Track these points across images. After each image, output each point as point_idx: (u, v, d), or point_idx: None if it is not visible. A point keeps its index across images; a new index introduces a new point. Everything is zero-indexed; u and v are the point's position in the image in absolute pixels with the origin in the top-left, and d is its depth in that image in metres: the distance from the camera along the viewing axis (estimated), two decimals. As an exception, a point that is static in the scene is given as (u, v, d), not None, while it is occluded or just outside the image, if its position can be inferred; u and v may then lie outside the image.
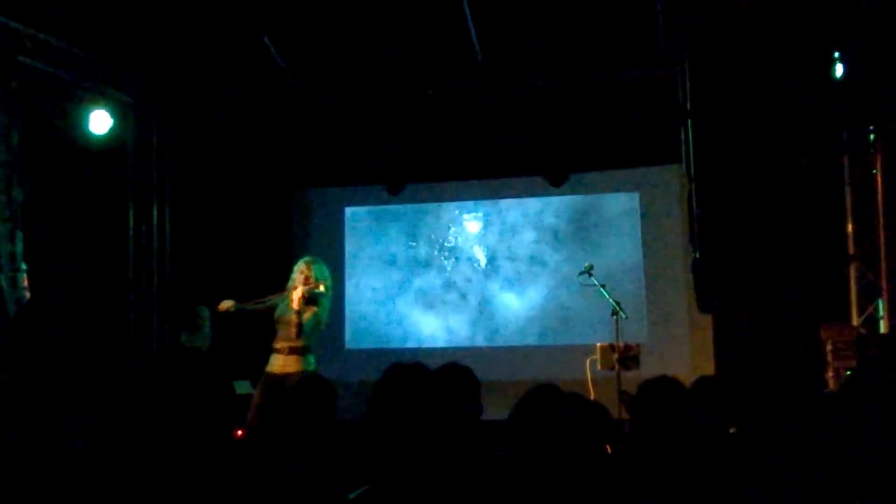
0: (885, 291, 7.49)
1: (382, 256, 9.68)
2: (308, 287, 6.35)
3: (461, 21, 7.89)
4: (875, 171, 7.60)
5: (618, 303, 7.04)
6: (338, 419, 3.56)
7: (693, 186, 7.86)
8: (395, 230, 9.70)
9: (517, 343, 9.20)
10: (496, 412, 3.79)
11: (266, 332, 6.54)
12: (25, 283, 6.86)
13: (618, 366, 7.03)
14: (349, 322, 9.60)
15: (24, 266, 6.91)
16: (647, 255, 8.96)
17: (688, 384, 3.40)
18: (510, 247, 9.41)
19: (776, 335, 7.74)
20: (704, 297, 8.06)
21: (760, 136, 7.91)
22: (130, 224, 8.69)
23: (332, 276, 6.74)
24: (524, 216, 9.40)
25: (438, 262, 9.56)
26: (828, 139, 7.81)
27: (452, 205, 9.61)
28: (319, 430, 3.40)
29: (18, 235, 6.92)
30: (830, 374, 7.21)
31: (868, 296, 7.65)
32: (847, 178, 7.80)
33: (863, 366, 6.80)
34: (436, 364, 3.54)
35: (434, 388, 3.29)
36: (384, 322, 9.59)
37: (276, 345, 6.41)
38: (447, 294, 9.48)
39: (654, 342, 8.52)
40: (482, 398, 3.50)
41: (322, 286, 6.43)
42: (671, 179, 8.85)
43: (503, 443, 2.82)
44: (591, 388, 7.14)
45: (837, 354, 7.20)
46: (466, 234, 9.55)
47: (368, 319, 9.62)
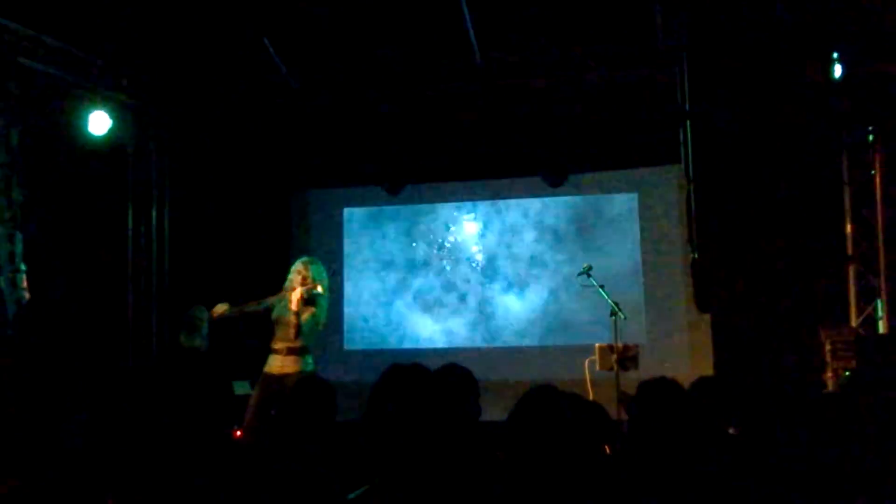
0: (884, 292, 7.49)
1: (381, 257, 9.68)
2: (306, 287, 6.35)
3: (460, 22, 7.88)
4: (874, 172, 7.61)
5: (616, 303, 7.04)
6: (336, 420, 3.56)
7: (692, 187, 7.85)
8: (394, 231, 9.70)
9: (516, 344, 9.20)
10: (495, 413, 3.80)
11: (265, 333, 6.54)
12: (25, 284, 6.86)
13: (616, 366, 7.03)
14: (348, 323, 9.60)
15: (24, 267, 6.91)
16: (646, 256, 8.96)
17: (686, 385, 3.40)
18: (509, 247, 9.40)
19: (775, 336, 7.75)
20: (703, 298, 8.05)
21: (759, 137, 7.92)
22: (129, 225, 8.69)
23: (330, 277, 6.75)
24: (523, 217, 9.40)
25: (437, 263, 9.55)
26: (826, 140, 7.81)
27: (451, 205, 9.61)
28: (318, 431, 3.40)
29: (18, 236, 6.92)
30: (829, 375, 7.21)
31: (867, 296, 7.65)
32: (846, 179, 7.81)
33: (862, 366, 6.80)
34: (434, 365, 3.54)
35: (433, 389, 3.29)
36: (383, 323, 9.59)
37: (275, 345, 6.41)
38: (446, 295, 9.48)
39: (653, 343, 8.52)
40: (481, 399, 3.51)
41: (320, 287, 6.43)
42: (670, 180, 8.86)
43: (502, 443, 2.82)
44: (590, 389, 7.15)
45: (836, 355, 7.20)
46: (465, 235, 9.55)
47: (367, 320, 9.62)
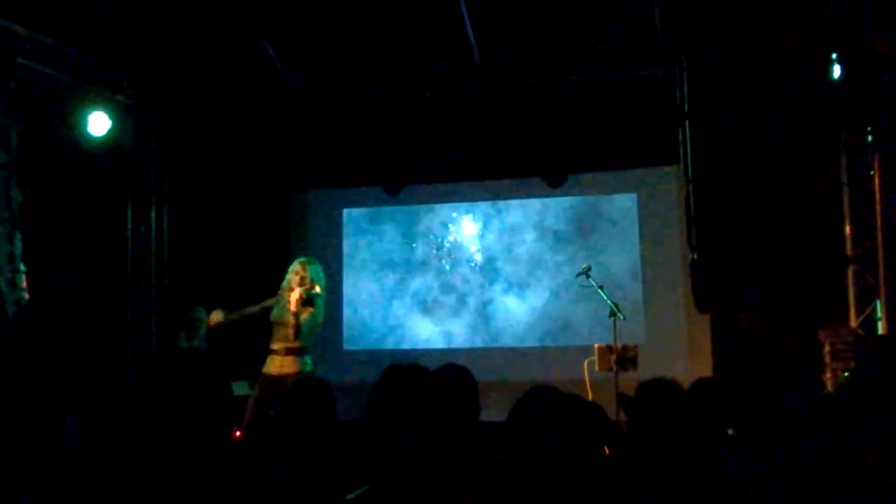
0: (883, 293, 7.48)
1: (380, 258, 9.67)
2: (304, 288, 6.36)
3: (459, 22, 7.89)
4: (873, 173, 7.59)
5: (615, 304, 7.04)
6: (336, 420, 3.56)
7: (691, 187, 7.86)
8: (393, 231, 9.69)
9: (515, 344, 9.19)
10: (494, 413, 3.79)
11: (264, 334, 6.54)
12: (24, 285, 6.86)
13: (615, 367, 7.03)
14: (347, 323, 9.59)
15: (23, 267, 6.91)
16: (645, 256, 8.96)
17: (685, 385, 3.40)
18: (508, 248, 9.40)
19: (774, 336, 7.75)
20: (702, 298, 8.06)
21: (758, 138, 7.92)
22: (129, 225, 8.70)
23: (329, 277, 6.75)
24: (522, 217, 9.39)
25: (436, 264, 9.55)
26: (826, 140, 7.80)
27: (450, 206, 9.60)
28: (317, 432, 3.40)
29: (17, 237, 6.93)
30: (828, 376, 7.21)
31: (866, 297, 7.64)
32: (845, 180, 7.80)
33: (861, 367, 6.80)
34: (434, 365, 3.54)
35: (432, 390, 3.29)
36: (382, 323, 9.58)
37: (274, 346, 6.42)
38: (445, 295, 9.47)
39: (652, 343, 8.51)
40: (480, 399, 3.51)
41: (318, 287, 6.43)
42: (669, 180, 8.85)
43: (501, 444, 2.82)
44: (589, 390, 7.15)
45: (835, 356, 7.20)
46: (464, 235, 9.54)
47: (366, 321, 9.61)
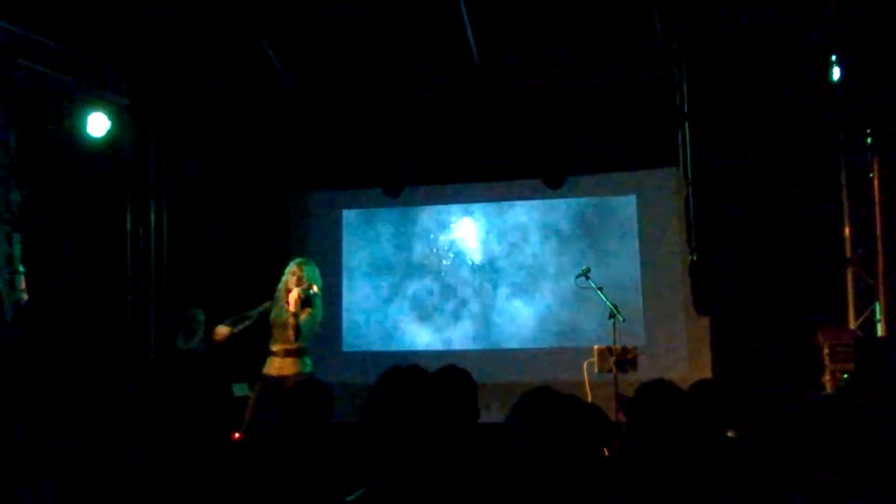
0: (882, 294, 7.49)
1: (379, 259, 9.66)
2: (302, 287, 6.36)
3: (458, 23, 7.89)
4: (872, 175, 7.60)
5: (615, 305, 7.03)
6: (335, 421, 3.56)
7: (690, 189, 7.86)
8: (393, 232, 9.68)
9: (514, 346, 9.19)
10: (493, 415, 3.80)
11: (263, 335, 6.54)
12: (23, 286, 6.87)
13: (615, 369, 7.02)
14: (346, 324, 9.58)
15: (22, 268, 6.92)
16: (645, 258, 8.95)
17: (685, 387, 3.40)
18: (507, 249, 9.39)
19: (773, 338, 7.74)
20: (702, 300, 8.05)
21: (757, 139, 7.91)
22: (128, 226, 8.70)
23: (328, 279, 6.75)
24: (521, 219, 9.39)
25: (435, 265, 9.54)
26: (825, 142, 7.81)
27: (450, 207, 9.60)
28: (316, 433, 3.40)
29: (16, 237, 6.93)
30: (827, 378, 7.20)
31: (865, 299, 7.64)
32: (844, 182, 7.81)
33: (860, 369, 6.80)
34: (433, 366, 3.53)
35: (431, 391, 3.28)
36: (381, 325, 9.58)
37: (273, 347, 6.42)
38: (444, 297, 9.47)
39: (652, 345, 8.51)
40: (479, 401, 3.51)
41: (315, 287, 6.43)
42: (668, 182, 8.85)
43: (500, 445, 2.82)
44: (589, 391, 7.15)
45: (835, 358, 7.20)
46: (464, 237, 9.53)
47: (366, 322, 9.61)
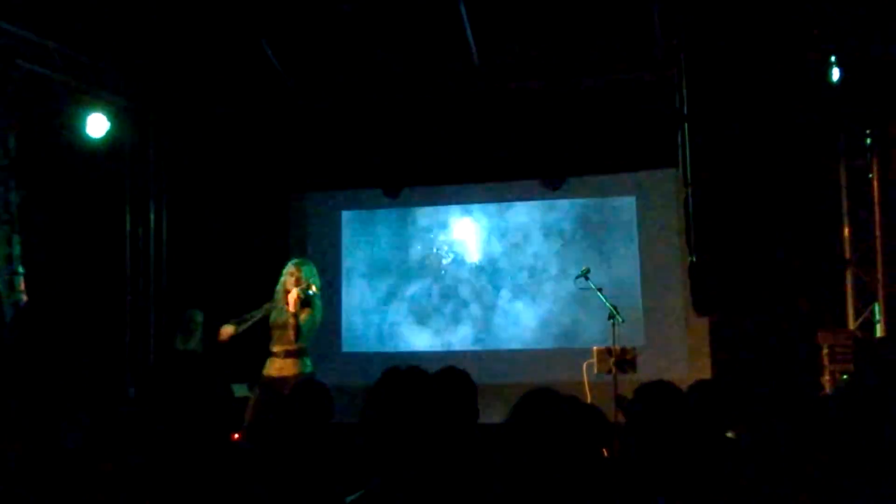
0: (882, 295, 7.49)
1: (378, 260, 9.67)
2: (301, 288, 6.36)
3: (458, 24, 7.89)
4: (871, 176, 7.60)
5: (614, 306, 7.04)
6: (334, 422, 3.56)
7: (690, 190, 7.85)
8: (392, 233, 9.68)
9: (514, 347, 9.19)
10: (493, 415, 3.79)
11: (262, 336, 6.54)
12: (22, 287, 6.86)
13: (614, 369, 7.03)
14: (346, 325, 9.58)
15: (22, 269, 6.91)
16: (644, 259, 8.96)
17: (684, 388, 3.40)
18: (507, 250, 9.40)
19: (773, 339, 7.75)
20: (701, 301, 8.05)
21: (757, 140, 7.91)
22: (127, 227, 8.70)
23: (328, 279, 6.75)
24: (521, 220, 9.40)
25: (435, 266, 9.55)
26: (824, 143, 7.81)
27: (449, 208, 9.61)
28: (316, 434, 3.40)
29: (16, 238, 6.93)
30: (827, 378, 7.21)
31: (864, 300, 7.65)
32: (843, 182, 7.81)
33: (859, 369, 6.80)
34: (432, 368, 3.53)
35: (431, 392, 3.28)
36: (380, 325, 9.58)
37: (273, 348, 6.42)
38: (444, 298, 9.47)
39: (651, 346, 8.51)
40: (479, 401, 3.51)
41: (314, 286, 6.44)
42: (668, 183, 8.85)
43: (499, 446, 2.82)
44: (588, 392, 7.15)
45: (834, 358, 7.20)
46: (463, 238, 9.54)
47: (365, 323, 9.61)
